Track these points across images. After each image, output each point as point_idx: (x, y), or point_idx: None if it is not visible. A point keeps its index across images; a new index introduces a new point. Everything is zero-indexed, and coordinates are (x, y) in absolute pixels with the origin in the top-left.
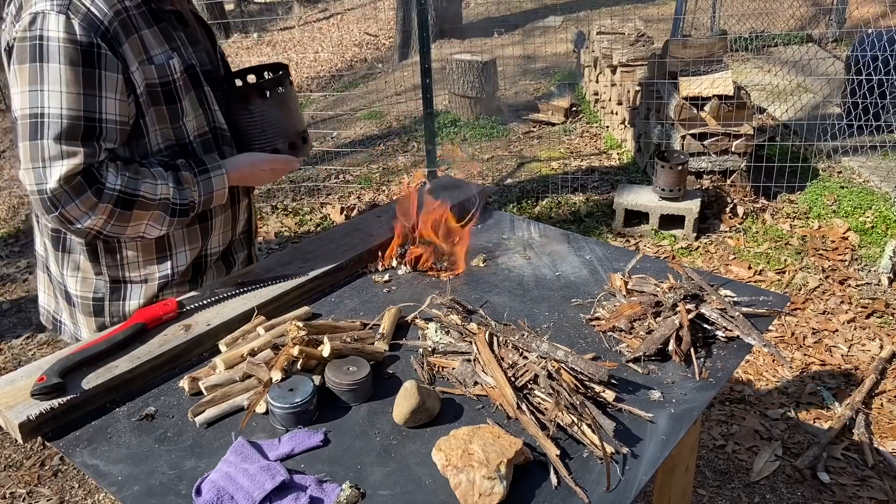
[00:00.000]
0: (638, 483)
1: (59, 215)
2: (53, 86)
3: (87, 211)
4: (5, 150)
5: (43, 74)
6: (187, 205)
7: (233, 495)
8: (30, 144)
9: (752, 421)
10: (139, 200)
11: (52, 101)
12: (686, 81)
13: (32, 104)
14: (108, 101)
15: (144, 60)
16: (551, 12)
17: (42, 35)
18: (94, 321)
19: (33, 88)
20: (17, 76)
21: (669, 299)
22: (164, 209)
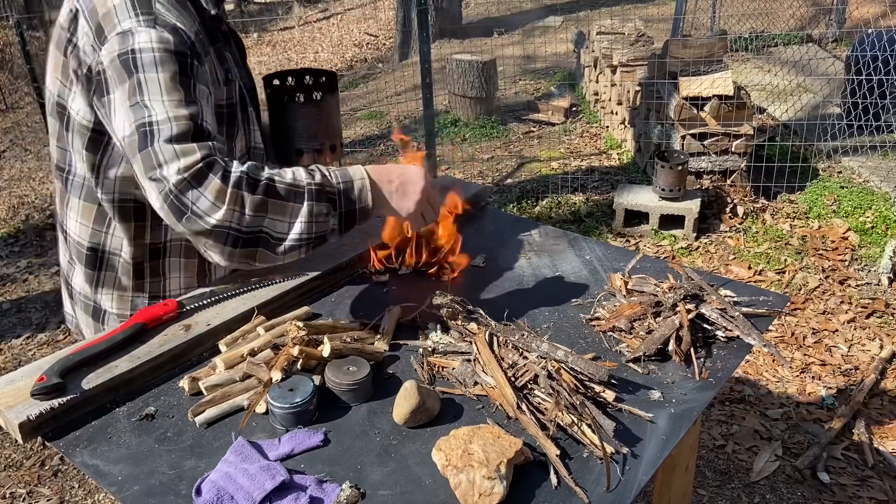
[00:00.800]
0: (638, 483)
1: (190, 215)
2: (155, 95)
3: (215, 201)
4: (5, 150)
5: (142, 87)
6: (325, 189)
7: (233, 495)
8: (141, 155)
9: (752, 421)
10: (270, 185)
11: (157, 108)
12: (686, 81)
13: (137, 117)
14: (205, 110)
15: (216, 81)
16: (551, 12)
17: (135, 49)
18: (95, 325)
19: (134, 102)
20: (116, 98)
21: (669, 299)
22: (301, 196)
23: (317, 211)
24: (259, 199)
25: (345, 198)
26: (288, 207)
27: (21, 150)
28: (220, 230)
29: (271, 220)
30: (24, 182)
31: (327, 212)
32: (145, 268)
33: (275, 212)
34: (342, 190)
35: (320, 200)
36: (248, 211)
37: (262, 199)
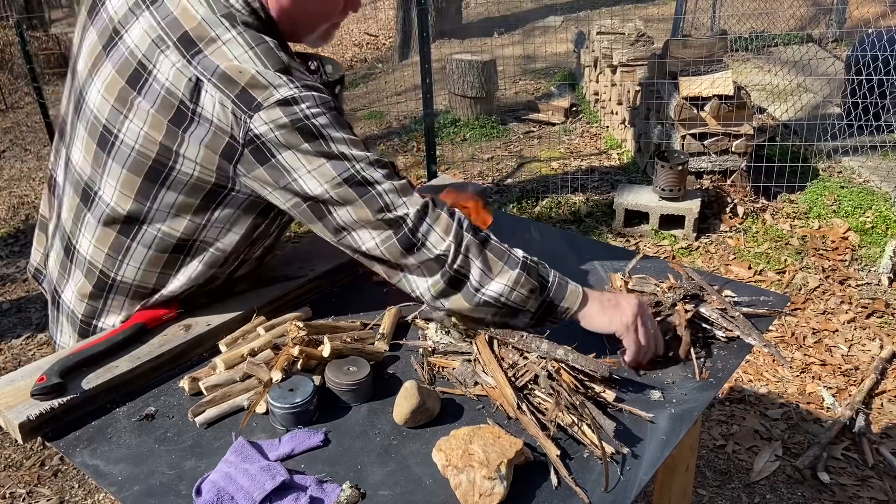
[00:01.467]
0: (638, 483)
1: (420, 247)
2: (342, 146)
3: (443, 234)
4: (5, 150)
5: (329, 143)
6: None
7: (233, 495)
8: (364, 201)
9: (752, 421)
10: (487, 238)
11: (358, 156)
12: (686, 81)
13: (339, 170)
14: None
15: None
16: (551, 12)
17: (308, 115)
18: None
19: (326, 159)
20: (292, 162)
21: (669, 299)
22: (514, 263)
23: (523, 282)
24: (476, 244)
25: (555, 288)
26: (497, 264)
27: (21, 150)
28: (437, 261)
29: (479, 267)
30: (24, 182)
31: (532, 289)
32: (152, 295)
33: (484, 261)
34: (555, 282)
35: (531, 275)
36: (464, 250)
37: (479, 245)
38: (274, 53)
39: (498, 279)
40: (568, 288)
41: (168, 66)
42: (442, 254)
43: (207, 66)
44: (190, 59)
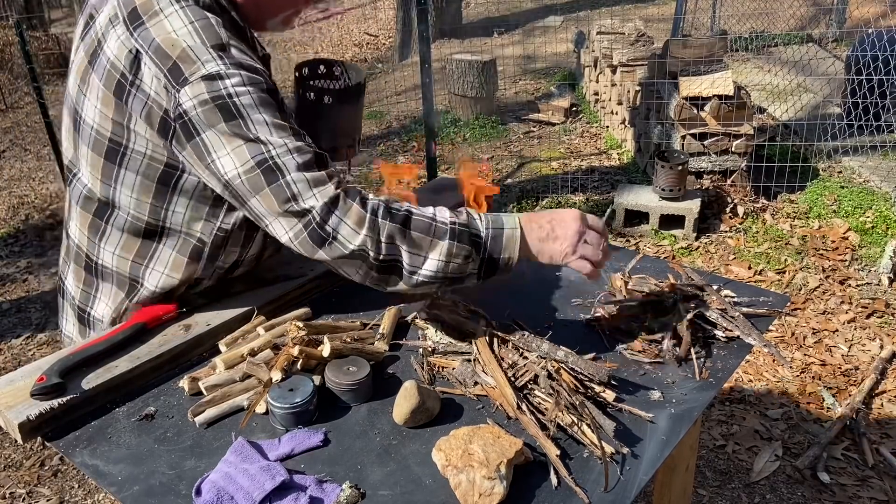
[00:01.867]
0: (638, 483)
1: (332, 241)
2: (262, 129)
3: (355, 227)
4: (5, 150)
5: (249, 125)
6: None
7: (233, 495)
8: (270, 190)
9: (752, 421)
10: (408, 216)
11: (274, 140)
12: (686, 81)
13: (252, 154)
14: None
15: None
16: (551, 12)
17: (231, 93)
18: None
19: (245, 141)
20: (213, 141)
21: (669, 299)
22: (442, 233)
23: (456, 251)
24: (396, 228)
25: (490, 243)
26: (424, 241)
27: (21, 150)
28: (359, 254)
29: (407, 251)
30: (24, 182)
31: (467, 255)
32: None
33: (410, 244)
34: (489, 236)
35: (462, 242)
36: (385, 239)
37: (400, 228)
38: (213, 29)
39: (430, 256)
40: (504, 236)
41: (115, 40)
42: (358, 249)
43: (146, 38)
44: (132, 32)
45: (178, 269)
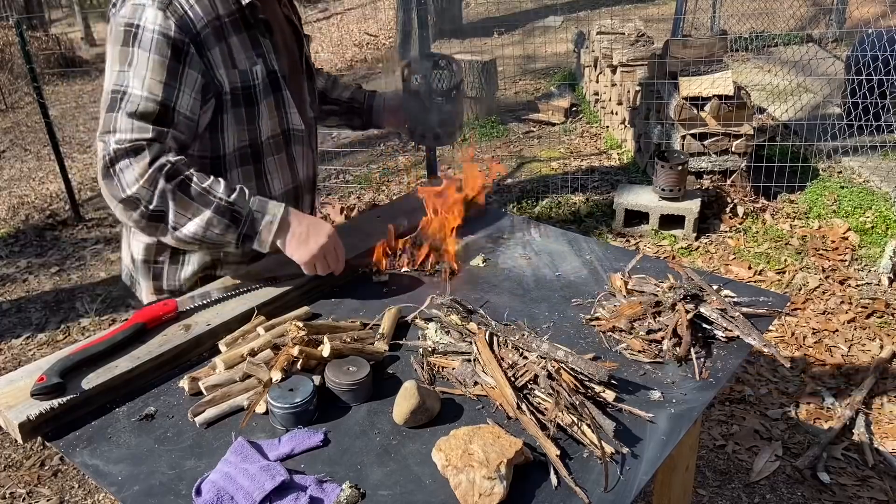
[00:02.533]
0: (638, 483)
1: (114, 180)
2: (140, 70)
3: (137, 176)
4: (5, 150)
5: (133, 58)
6: (236, 210)
7: (233, 495)
8: (106, 116)
9: (752, 421)
10: (185, 181)
11: (136, 82)
12: (686, 81)
13: (118, 82)
14: (185, 95)
15: (230, 65)
16: (551, 12)
17: (140, 25)
18: (153, 284)
19: (122, 69)
20: (111, 57)
21: (669, 299)
22: (208, 203)
23: (216, 222)
24: (169, 188)
25: (249, 222)
26: (191, 206)
27: (21, 150)
28: (132, 201)
29: (174, 210)
30: (24, 182)
31: (226, 226)
32: None
33: (178, 204)
34: (251, 216)
35: (223, 216)
36: (157, 194)
37: (173, 189)
38: None
39: (193, 220)
40: (263, 220)
41: None
42: (133, 195)
43: None
44: None
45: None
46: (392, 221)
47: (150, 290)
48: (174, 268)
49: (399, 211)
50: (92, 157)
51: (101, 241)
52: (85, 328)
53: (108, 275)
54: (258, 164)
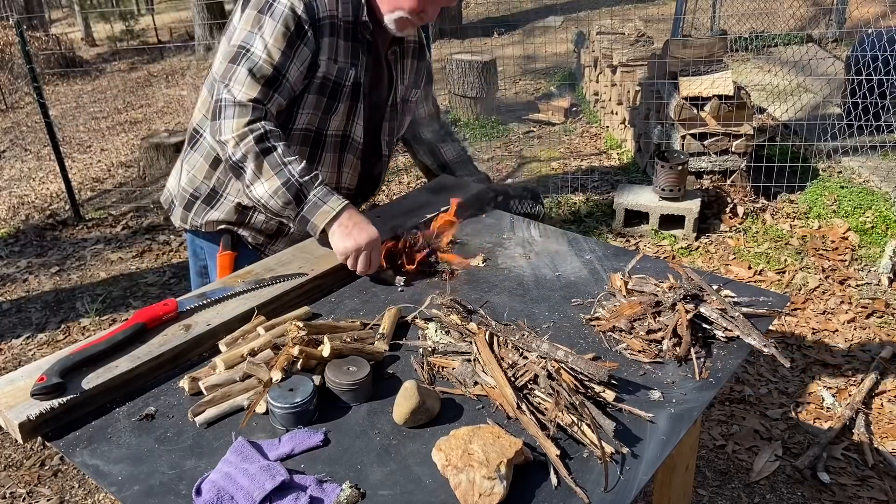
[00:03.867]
0: (638, 483)
1: (220, 124)
2: (267, 36)
3: (234, 129)
4: (5, 150)
5: (263, 24)
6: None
7: (233, 495)
8: (227, 66)
9: (752, 421)
10: (269, 148)
11: (259, 45)
12: (686, 81)
13: (245, 40)
14: (294, 67)
15: (333, 58)
16: (551, 12)
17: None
18: (183, 213)
19: (252, 30)
20: (244, 18)
21: (669, 299)
22: (281, 175)
23: (280, 194)
24: (253, 150)
25: (307, 207)
26: (265, 172)
27: (21, 150)
28: (222, 145)
29: (251, 169)
30: (24, 182)
31: (288, 202)
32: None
33: (255, 166)
34: (311, 202)
35: (289, 191)
36: (242, 150)
37: (256, 151)
38: None
39: (263, 185)
40: (320, 210)
41: None
42: (223, 141)
43: None
44: None
45: None
46: (392, 222)
47: (180, 217)
48: (203, 207)
49: (399, 211)
50: (91, 157)
51: (101, 241)
52: (85, 328)
53: (108, 275)
54: (314, 151)
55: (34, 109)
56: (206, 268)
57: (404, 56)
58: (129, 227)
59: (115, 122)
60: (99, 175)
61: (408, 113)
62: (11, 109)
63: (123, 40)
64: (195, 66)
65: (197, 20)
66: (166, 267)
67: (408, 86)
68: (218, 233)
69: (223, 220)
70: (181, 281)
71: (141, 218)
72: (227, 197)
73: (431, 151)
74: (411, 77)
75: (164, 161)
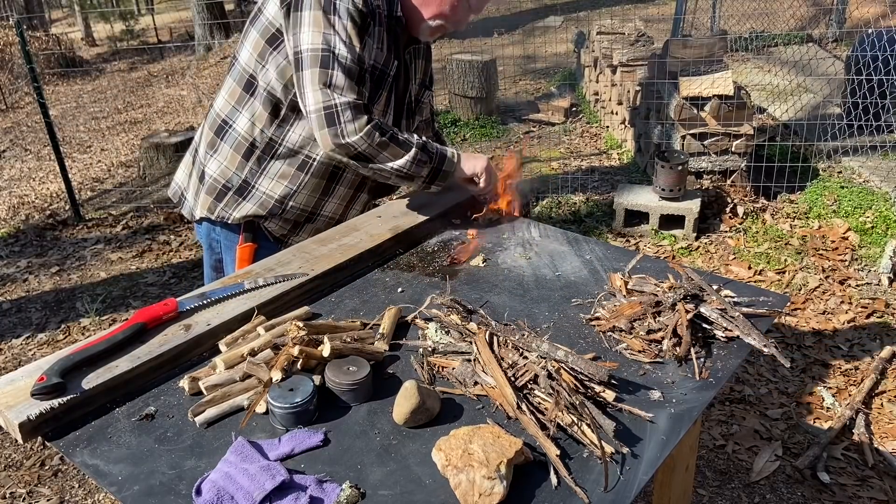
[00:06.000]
0: (638, 483)
1: (338, 129)
2: (341, 34)
3: (359, 130)
4: (5, 150)
5: (333, 23)
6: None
7: (233, 495)
8: (320, 71)
9: (752, 421)
10: (394, 134)
11: (340, 46)
12: (686, 81)
13: (325, 42)
14: (367, 57)
15: (381, 47)
16: (551, 12)
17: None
18: (211, 202)
19: (327, 31)
20: (306, 19)
21: (669, 299)
22: (410, 147)
23: (418, 158)
24: (384, 141)
25: (438, 157)
26: (400, 151)
27: (21, 150)
28: (347, 146)
29: (385, 155)
30: (24, 182)
31: (424, 162)
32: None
33: (389, 151)
34: (439, 153)
35: (423, 152)
36: (375, 145)
37: (386, 141)
38: None
39: (402, 160)
40: (446, 157)
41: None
42: (350, 143)
43: None
44: None
45: (260, 120)
46: (392, 222)
47: (206, 205)
48: (235, 198)
49: (399, 211)
50: (91, 157)
51: (101, 241)
52: (85, 328)
53: (108, 275)
54: None
55: (34, 109)
56: (220, 261)
57: (418, 56)
58: (129, 227)
59: (115, 122)
60: (99, 175)
61: (419, 113)
62: (11, 109)
63: (123, 40)
64: (195, 66)
65: (197, 20)
66: (166, 267)
67: (419, 85)
68: (238, 225)
69: (254, 212)
70: (181, 281)
71: (141, 218)
72: (259, 188)
73: None
74: (421, 77)
75: (164, 161)
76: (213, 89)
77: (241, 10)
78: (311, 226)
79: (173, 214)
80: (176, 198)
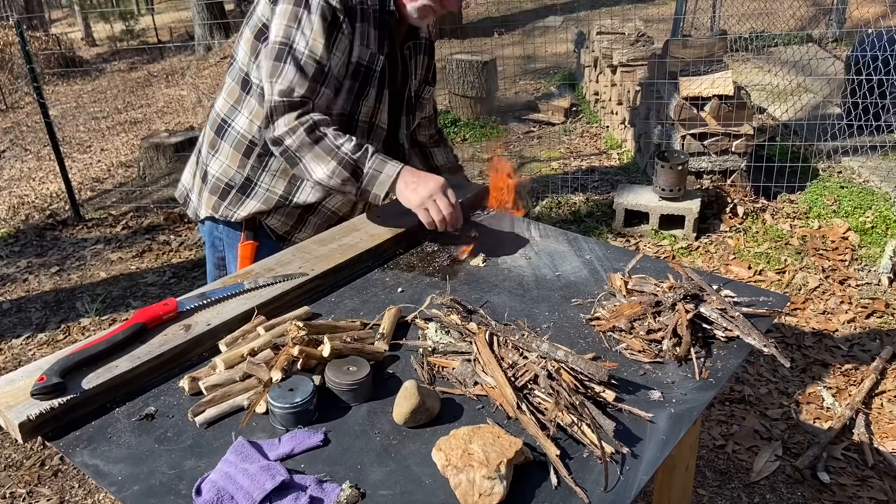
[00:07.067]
0: (638, 483)
1: (270, 122)
2: (306, 30)
3: (286, 126)
4: (5, 150)
5: (301, 19)
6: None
7: (233, 495)
8: (273, 64)
9: (752, 421)
10: (321, 137)
11: (301, 41)
12: (686, 81)
13: (286, 36)
14: (335, 58)
15: (365, 43)
16: (551, 12)
17: None
18: (215, 201)
19: (291, 25)
20: (279, 11)
21: (669, 299)
22: (336, 158)
23: (338, 174)
24: (307, 142)
25: (366, 180)
26: (321, 157)
27: (21, 150)
28: (277, 141)
29: (309, 157)
30: (24, 182)
31: (347, 179)
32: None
33: (312, 154)
34: (368, 175)
35: (346, 170)
36: (297, 143)
37: (310, 143)
38: None
39: (322, 168)
40: (379, 178)
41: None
42: (278, 137)
43: None
44: None
45: (258, 117)
46: (392, 222)
47: (210, 205)
48: (238, 196)
49: (399, 211)
50: (91, 157)
51: (101, 241)
52: (85, 328)
53: (108, 275)
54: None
55: (34, 109)
56: (223, 259)
57: (418, 52)
58: (129, 227)
59: (115, 122)
60: (99, 175)
61: (419, 109)
62: (11, 109)
63: (123, 40)
64: (195, 66)
65: (197, 20)
66: (166, 267)
67: (420, 81)
68: (240, 223)
69: (258, 208)
70: (181, 281)
71: (141, 218)
72: (262, 184)
73: (423, 154)
74: (422, 73)
75: (163, 161)
76: (213, 89)
77: (241, 10)
78: (314, 219)
79: (173, 214)
80: (182, 199)
